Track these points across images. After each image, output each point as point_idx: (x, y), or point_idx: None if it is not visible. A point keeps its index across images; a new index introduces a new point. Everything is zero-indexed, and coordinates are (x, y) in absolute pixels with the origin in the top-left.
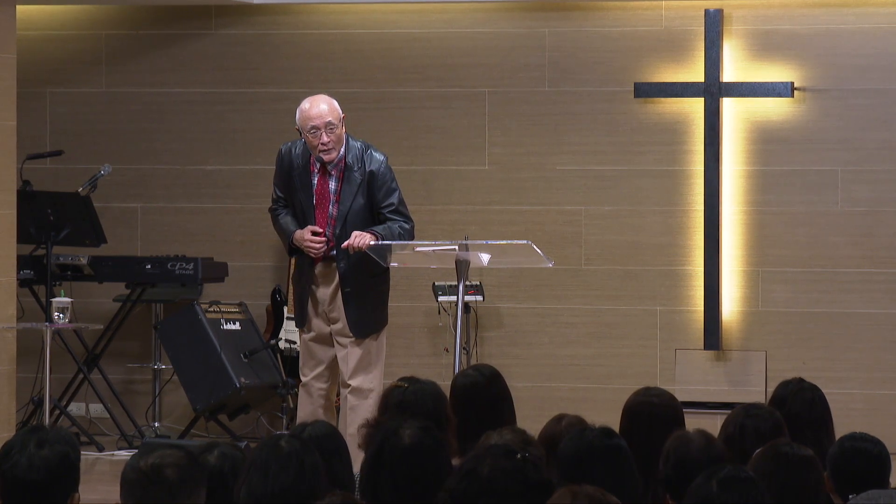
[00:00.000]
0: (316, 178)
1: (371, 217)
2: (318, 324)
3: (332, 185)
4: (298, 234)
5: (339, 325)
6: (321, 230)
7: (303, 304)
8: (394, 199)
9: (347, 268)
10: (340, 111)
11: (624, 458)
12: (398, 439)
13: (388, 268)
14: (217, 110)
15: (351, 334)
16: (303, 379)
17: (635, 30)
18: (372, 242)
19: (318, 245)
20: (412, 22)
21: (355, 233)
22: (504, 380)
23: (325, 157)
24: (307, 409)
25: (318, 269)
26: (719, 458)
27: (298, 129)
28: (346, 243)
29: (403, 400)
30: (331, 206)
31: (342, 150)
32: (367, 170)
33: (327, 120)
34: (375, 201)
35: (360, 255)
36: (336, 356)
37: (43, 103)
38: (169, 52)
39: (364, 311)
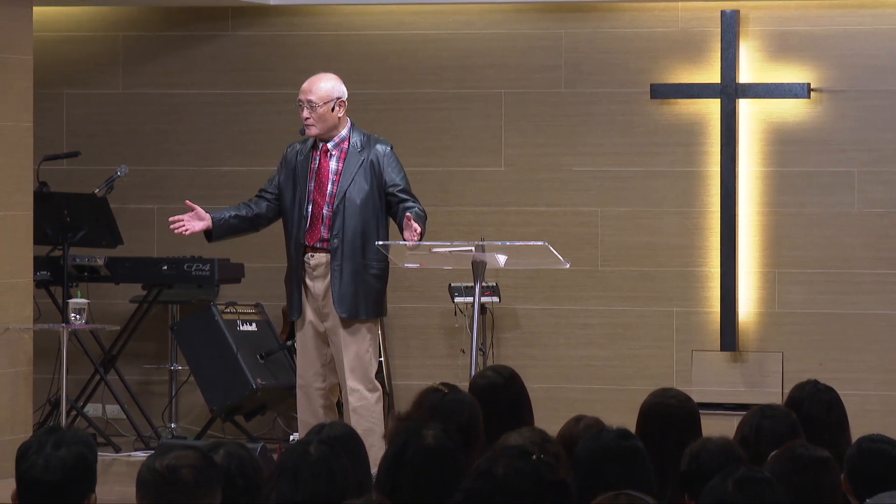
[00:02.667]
0: (317, 162)
1: (374, 201)
2: (313, 319)
3: (333, 164)
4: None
5: (330, 322)
6: (192, 208)
7: (298, 296)
8: (402, 180)
9: (340, 245)
10: (335, 94)
11: (640, 459)
12: (421, 439)
13: (387, 261)
14: (233, 111)
15: (340, 327)
16: (299, 381)
17: (651, 31)
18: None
19: (174, 222)
20: (428, 23)
21: (413, 224)
22: (522, 380)
23: (307, 132)
24: (307, 411)
25: (314, 260)
26: (740, 459)
27: None
28: (410, 235)
29: (439, 405)
30: (330, 185)
31: (345, 131)
32: (373, 153)
33: (308, 97)
34: (383, 182)
35: (358, 235)
36: (333, 355)
37: (59, 104)
38: (185, 54)
39: (352, 288)
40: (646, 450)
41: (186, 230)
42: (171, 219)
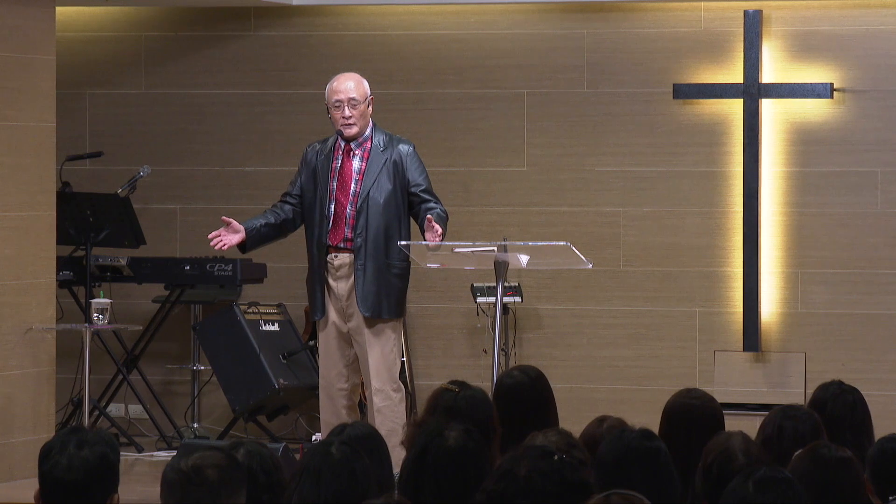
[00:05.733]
0: (339, 161)
1: (397, 201)
2: (336, 320)
3: (356, 164)
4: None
5: (354, 322)
6: (228, 222)
7: (320, 296)
8: (424, 180)
9: (363, 244)
10: (368, 91)
11: (663, 460)
12: (443, 440)
13: (409, 261)
14: (256, 112)
15: (364, 326)
16: (322, 382)
17: (674, 31)
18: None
19: (213, 239)
20: (450, 23)
21: (434, 225)
22: (548, 381)
23: (346, 132)
24: (329, 411)
25: (338, 260)
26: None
27: (326, 105)
28: (432, 236)
29: (454, 405)
30: (353, 184)
31: (368, 131)
32: (396, 152)
33: (351, 95)
34: (405, 182)
35: (381, 234)
36: (356, 355)
37: (82, 105)
38: (208, 54)
39: (375, 288)
40: (669, 450)
41: (224, 245)
42: (210, 235)
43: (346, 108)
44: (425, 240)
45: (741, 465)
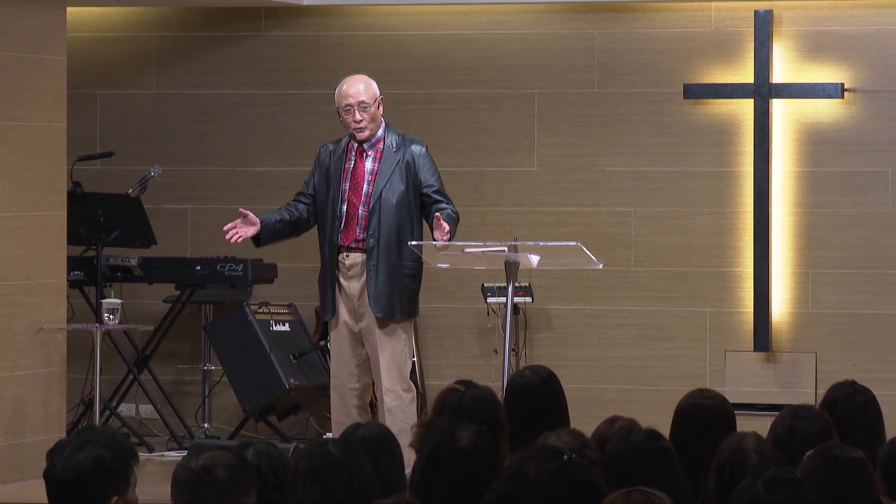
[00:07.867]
0: (352, 162)
1: (409, 202)
2: (347, 320)
3: (369, 164)
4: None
5: (366, 322)
6: (245, 214)
7: (332, 296)
8: (437, 181)
9: (375, 244)
10: (377, 92)
11: (669, 460)
12: (455, 441)
13: (420, 261)
14: (266, 112)
15: (376, 326)
16: (333, 381)
17: (685, 31)
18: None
19: (229, 231)
20: (461, 23)
21: (443, 223)
22: (559, 381)
23: (359, 136)
24: (341, 411)
25: (349, 260)
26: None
27: (337, 108)
28: (440, 234)
29: (461, 405)
30: (366, 185)
31: (381, 132)
32: (408, 153)
33: (360, 99)
34: (418, 182)
35: (394, 235)
36: (367, 355)
37: (93, 105)
38: (218, 54)
39: (387, 288)
40: (681, 450)
41: (239, 237)
42: (225, 227)
43: (357, 111)
44: (434, 238)
45: (754, 465)
